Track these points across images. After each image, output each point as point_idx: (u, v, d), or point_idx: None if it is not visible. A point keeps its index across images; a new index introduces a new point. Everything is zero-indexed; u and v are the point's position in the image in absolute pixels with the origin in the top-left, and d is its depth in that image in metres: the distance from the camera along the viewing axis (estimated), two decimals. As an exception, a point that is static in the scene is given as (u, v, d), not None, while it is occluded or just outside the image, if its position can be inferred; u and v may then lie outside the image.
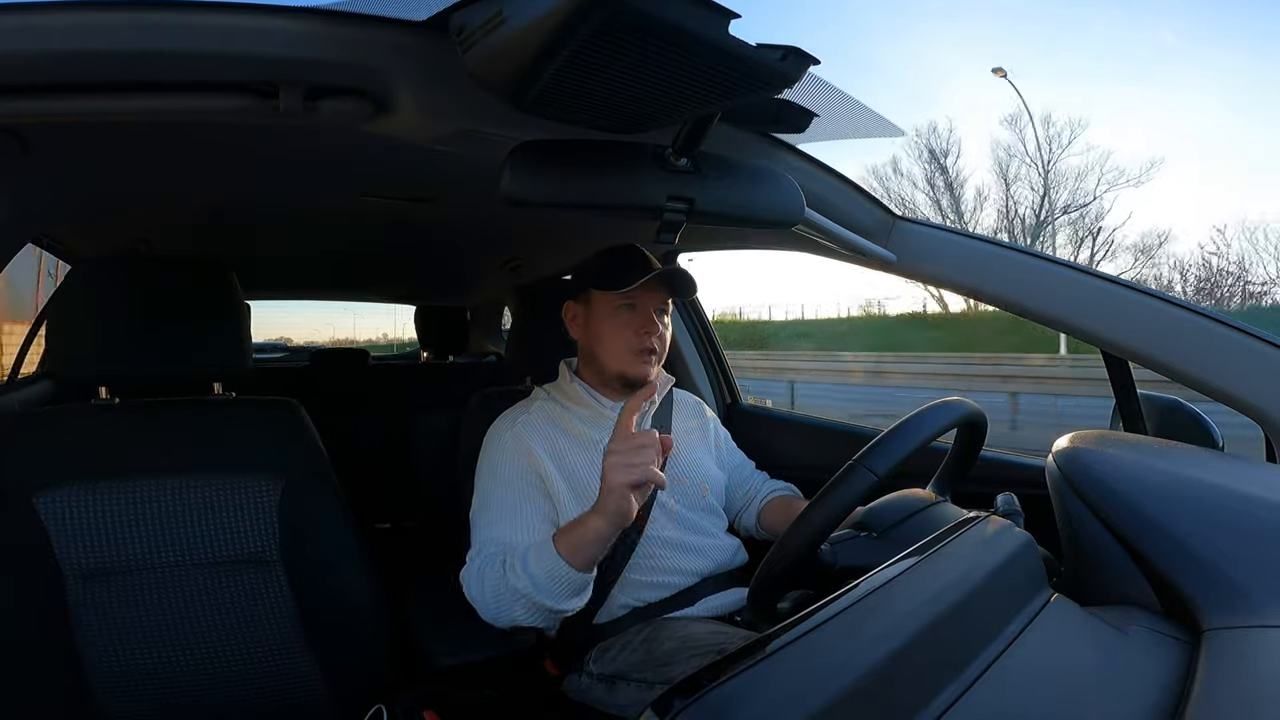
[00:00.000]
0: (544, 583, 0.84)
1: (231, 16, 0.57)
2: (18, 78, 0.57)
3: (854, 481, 0.69)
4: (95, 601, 0.89)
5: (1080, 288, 0.91)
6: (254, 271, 2.08)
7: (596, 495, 1.03)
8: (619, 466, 0.80)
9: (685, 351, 1.66)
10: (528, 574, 0.85)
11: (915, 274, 1.06)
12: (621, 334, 1.05)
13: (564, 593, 0.85)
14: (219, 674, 0.93)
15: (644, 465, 0.80)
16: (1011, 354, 9.48)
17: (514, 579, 0.86)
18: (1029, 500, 0.79)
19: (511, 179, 0.63)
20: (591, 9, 0.43)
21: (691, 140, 0.67)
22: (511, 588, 0.86)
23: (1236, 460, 0.77)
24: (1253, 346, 0.80)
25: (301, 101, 0.62)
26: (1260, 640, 0.53)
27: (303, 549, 0.98)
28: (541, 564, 0.84)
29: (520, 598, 0.86)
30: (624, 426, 0.83)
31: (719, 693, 0.40)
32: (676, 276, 1.04)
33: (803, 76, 0.53)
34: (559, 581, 0.84)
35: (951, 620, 0.51)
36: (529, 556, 0.86)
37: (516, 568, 0.86)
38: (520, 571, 0.86)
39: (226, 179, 1.09)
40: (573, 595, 0.86)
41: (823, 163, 0.97)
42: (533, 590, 0.85)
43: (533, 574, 0.85)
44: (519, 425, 1.06)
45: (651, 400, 1.13)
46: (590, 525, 0.83)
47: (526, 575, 0.85)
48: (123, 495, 0.91)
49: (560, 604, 0.86)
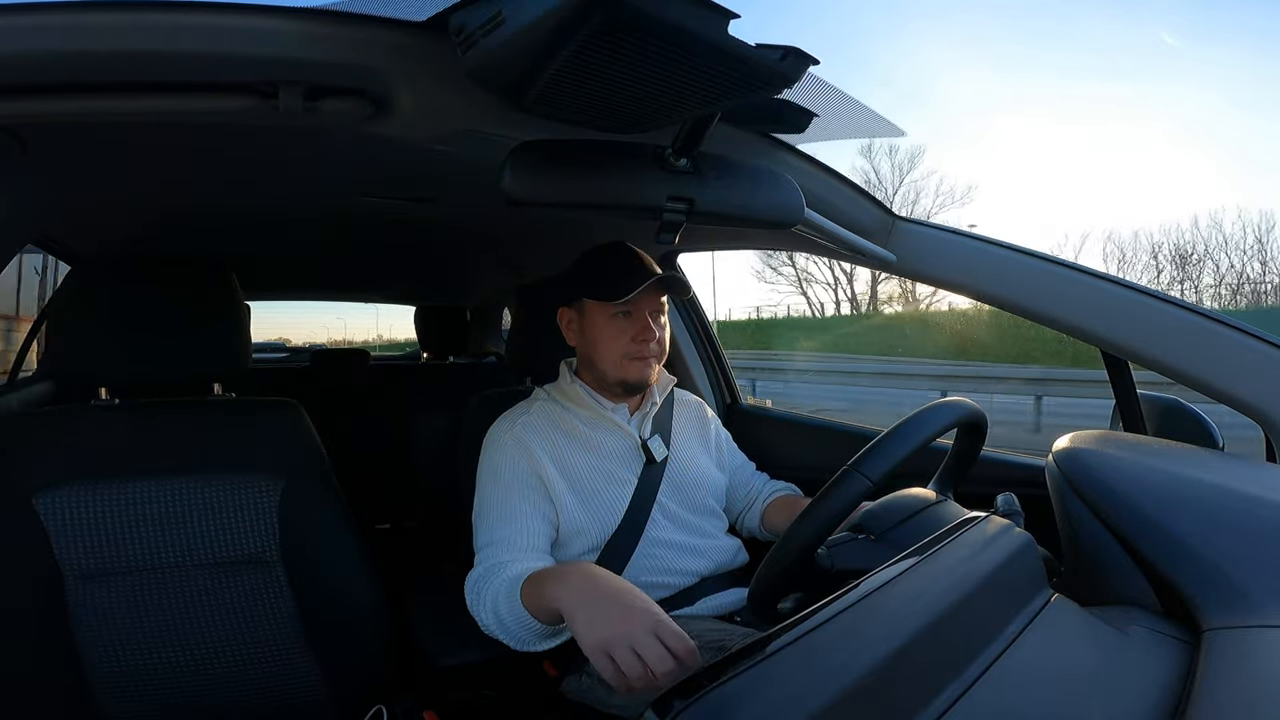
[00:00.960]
0: (513, 628, 0.85)
1: (231, 17, 0.57)
2: (18, 78, 0.57)
3: (846, 488, 0.69)
4: (95, 602, 0.89)
5: (1080, 288, 0.91)
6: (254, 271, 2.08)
7: (596, 496, 1.04)
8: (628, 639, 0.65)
9: (685, 352, 1.66)
10: (497, 617, 0.86)
11: (915, 274, 1.06)
12: (619, 341, 1.04)
13: (532, 638, 0.86)
14: (219, 674, 0.93)
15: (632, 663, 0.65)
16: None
17: (480, 611, 0.88)
18: (1029, 500, 0.79)
19: (511, 179, 0.63)
20: (591, 9, 0.43)
21: (691, 140, 0.67)
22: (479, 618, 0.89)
23: (1236, 460, 0.77)
24: (1253, 346, 0.80)
25: (301, 101, 0.62)
26: (1260, 640, 0.53)
27: (303, 549, 0.98)
28: (511, 610, 0.85)
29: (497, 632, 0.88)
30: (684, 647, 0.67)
31: (719, 693, 0.40)
32: (670, 281, 1.04)
33: (802, 76, 0.53)
34: (526, 628, 0.84)
35: (951, 620, 0.51)
36: (500, 599, 0.86)
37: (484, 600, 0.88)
38: (487, 606, 0.87)
39: (226, 179, 1.09)
40: (542, 640, 0.86)
41: (823, 163, 0.97)
42: (494, 626, 0.87)
43: (502, 618, 0.86)
44: (519, 426, 1.06)
45: (653, 401, 1.13)
46: (557, 596, 0.75)
47: (496, 619, 0.86)
48: (123, 496, 0.91)
49: (531, 647, 0.87)
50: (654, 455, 1.07)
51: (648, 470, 1.07)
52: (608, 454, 1.07)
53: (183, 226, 1.43)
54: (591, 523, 1.02)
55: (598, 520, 1.02)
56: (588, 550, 1.02)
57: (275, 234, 1.59)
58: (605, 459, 1.06)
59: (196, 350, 0.99)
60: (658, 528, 1.05)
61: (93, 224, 1.31)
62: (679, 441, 1.15)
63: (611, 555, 1.01)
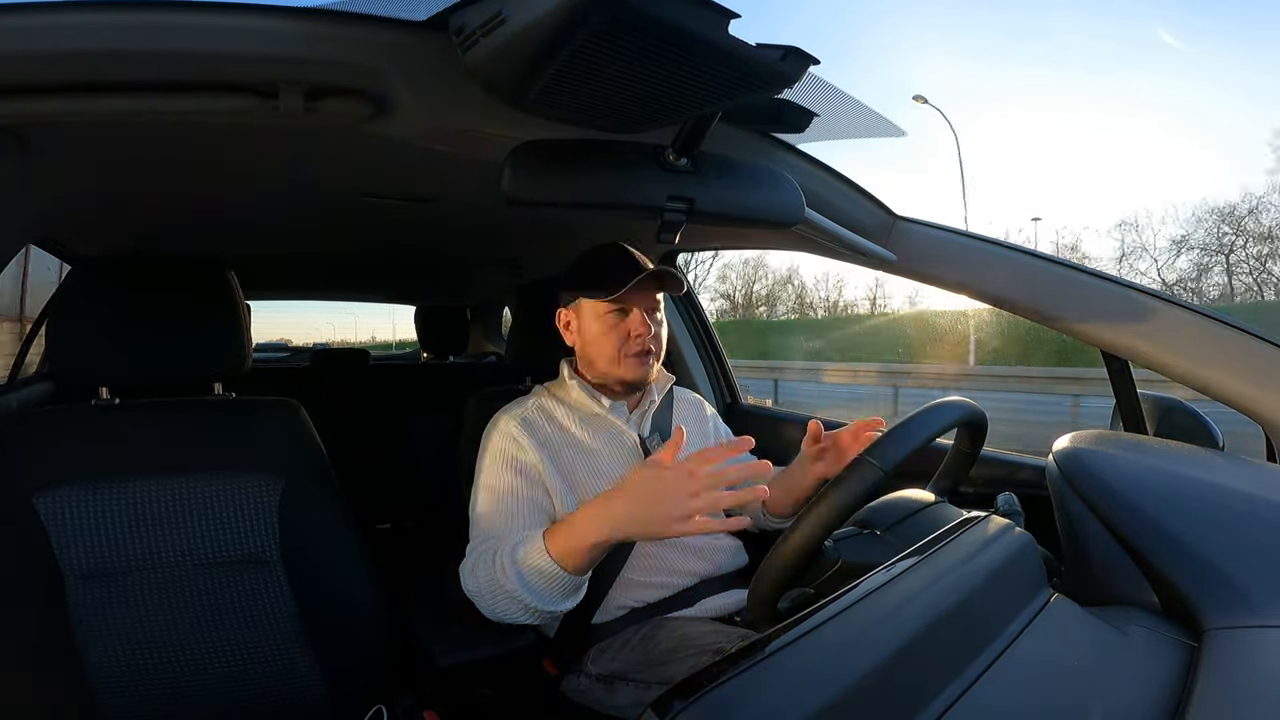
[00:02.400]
0: (534, 582, 0.81)
1: (232, 16, 0.57)
2: (18, 78, 0.57)
3: (861, 475, 0.69)
4: (95, 602, 0.89)
5: (1081, 288, 0.91)
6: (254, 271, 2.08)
7: (594, 495, 1.03)
8: (683, 493, 0.71)
9: (685, 351, 1.66)
10: (517, 573, 0.81)
11: (915, 274, 1.06)
12: (615, 339, 1.05)
13: (555, 594, 0.82)
14: (219, 674, 0.93)
15: (707, 502, 0.71)
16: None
17: (503, 578, 0.82)
18: (1029, 500, 0.79)
19: (511, 179, 0.63)
20: (591, 9, 0.43)
21: (691, 140, 0.67)
22: (501, 587, 0.83)
23: (1236, 460, 0.77)
24: (1253, 346, 0.80)
25: (301, 101, 0.62)
26: (1260, 640, 0.53)
27: (303, 549, 0.98)
28: (531, 562, 0.81)
29: (509, 597, 0.83)
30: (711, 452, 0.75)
31: (719, 693, 0.40)
32: (663, 275, 1.04)
33: (802, 76, 0.53)
34: (550, 580, 0.80)
35: (952, 620, 0.51)
36: (517, 554, 0.82)
37: (506, 565, 0.82)
38: (509, 570, 0.82)
39: (226, 179, 1.09)
40: (565, 597, 0.83)
41: (823, 163, 0.97)
42: (521, 590, 0.81)
43: (522, 573, 0.81)
44: (517, 422, 1.06)
45: (652, 399, 1.13)
46: (588, 533, 0.78)
47: (516, 574, 0.81)
48: (123, 495, 0.91)
49: (550, 606, 0.83)
50: (652, 452, 1.07)
51: None
52: (606, 452, 1.07)
53: (183, 226, 1.43)
54: None
55: None
56: None
57: (275, 234, 1.59)
58: (603, 457, 1.06)
59: (196, 350, 0.99)
60: None
61: (93, 224, 1.31)
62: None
63: (609, 554, 1.01)
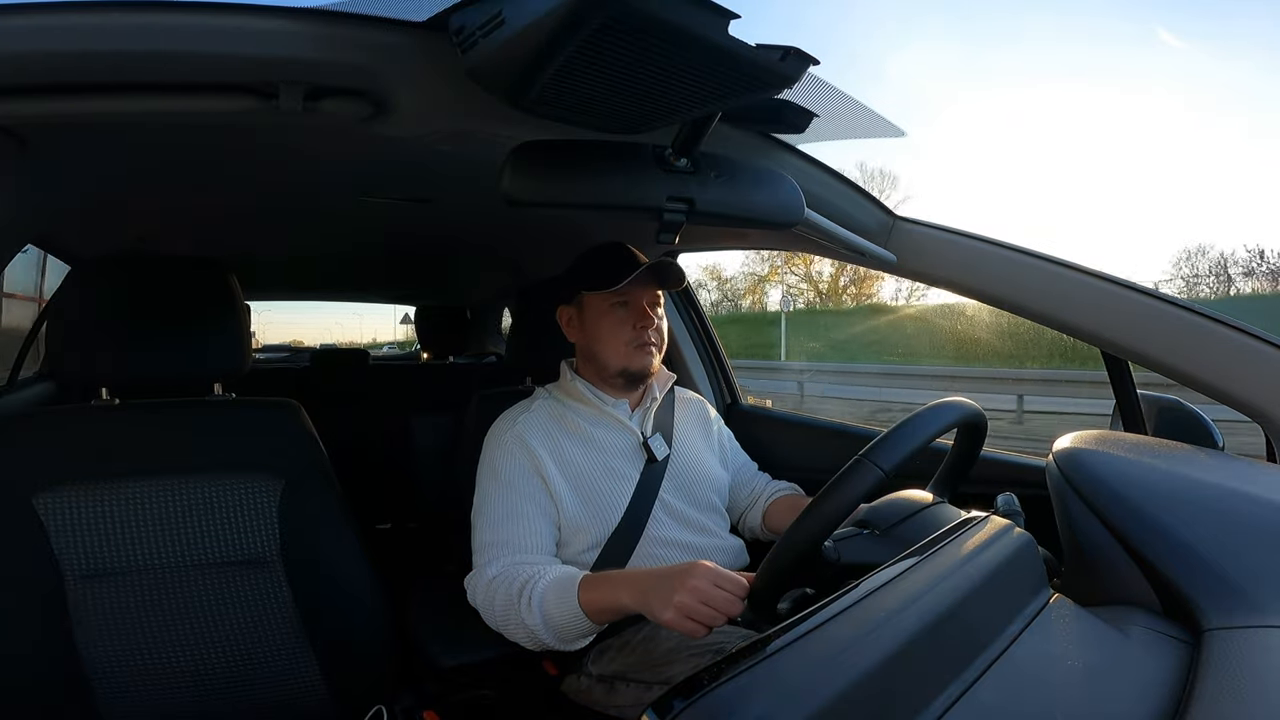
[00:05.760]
0: (557, 625, 0.86)
1: (231, 17, 0.57)
2: (18, 78, 0.57)
3: (860, 476, 0.69)
4: (95, 602, 0.89)
5: (1080, 288, 0.91)
6: (254, 272, 2.09)
7: (597, 495, 1.04)
8: (694, 594, 0.74)
9: (685, 351, 1.66)
10: (543, 614, 0.86)
11: (915, 274, 1.06)
12: (619, 331, 1.06)
13: (571, 638, 0.87)
14: (219, 674, 0.93)
15: (710, 614, 0.74)
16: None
17: (526, 614, 0.87)
18: (1029, 500, 0.79)
19: (511, 179, 0.63)
20: (591, 9, 0.43)
21: (691, 140, 0.67)
22: (521, 620, 0.87)
23: (1236, 460, 0.77)
24: (1253, 346, 0.80)
25: (301, 101, 0.62)
26: (1260, 640, 0.53)
27: (303, 549, 0.98)
28: (561, 609, 0.85)
29: (525, 630, 0.88)
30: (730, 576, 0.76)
31: (719, 693, 0.40)
32: (664, 269, 1.05)
33: (802, 76, 0.53)
34: (572, 626, 0.85)
35: (952, 620, 0.51)
36: (548, 597, 0.86)
37: (533, 605, 0.87)
38: (535, 610, 0.86)
39: (226, 179, 1.09)
40: (578, 639, 0.89)
41: (823, 163, 0.97)
42: (542, 629, 0.86)
43: (548, 616, 0.86)
44: (520, 425, 1.06)
45: (653, 398, 1.13)
46: (619, 598, 0.81)
47: (541, 616, 0.86)
48: (123, 496, 0.91)
49: (562, 646, 0.88)
50: (655, 453, 1.07)
51: (649, 467, 1.07)
52: (609, 450, 1.07)
53: (183, 226, 1.43)
54: (591, 520, 1.02)
55: (598, 518, 1.02)
56: (588, 548, 1.02)
57: (275, 234, 1.60)
58: (606, 455, 1.06)
59: (196, 351, 0.99)
60: (660, 526, 1.05)
61: (93, 224, 1.32)
62: (682, 438, 1.15)
63: (612, 553, 1.01)
